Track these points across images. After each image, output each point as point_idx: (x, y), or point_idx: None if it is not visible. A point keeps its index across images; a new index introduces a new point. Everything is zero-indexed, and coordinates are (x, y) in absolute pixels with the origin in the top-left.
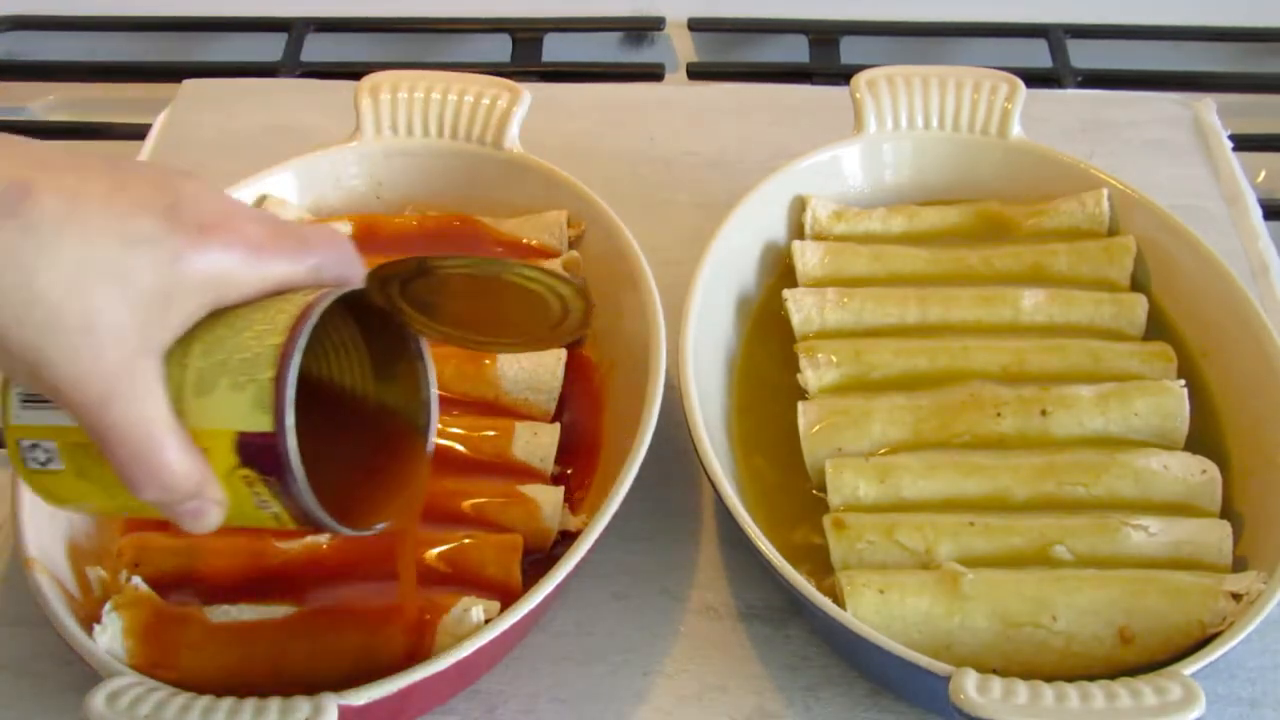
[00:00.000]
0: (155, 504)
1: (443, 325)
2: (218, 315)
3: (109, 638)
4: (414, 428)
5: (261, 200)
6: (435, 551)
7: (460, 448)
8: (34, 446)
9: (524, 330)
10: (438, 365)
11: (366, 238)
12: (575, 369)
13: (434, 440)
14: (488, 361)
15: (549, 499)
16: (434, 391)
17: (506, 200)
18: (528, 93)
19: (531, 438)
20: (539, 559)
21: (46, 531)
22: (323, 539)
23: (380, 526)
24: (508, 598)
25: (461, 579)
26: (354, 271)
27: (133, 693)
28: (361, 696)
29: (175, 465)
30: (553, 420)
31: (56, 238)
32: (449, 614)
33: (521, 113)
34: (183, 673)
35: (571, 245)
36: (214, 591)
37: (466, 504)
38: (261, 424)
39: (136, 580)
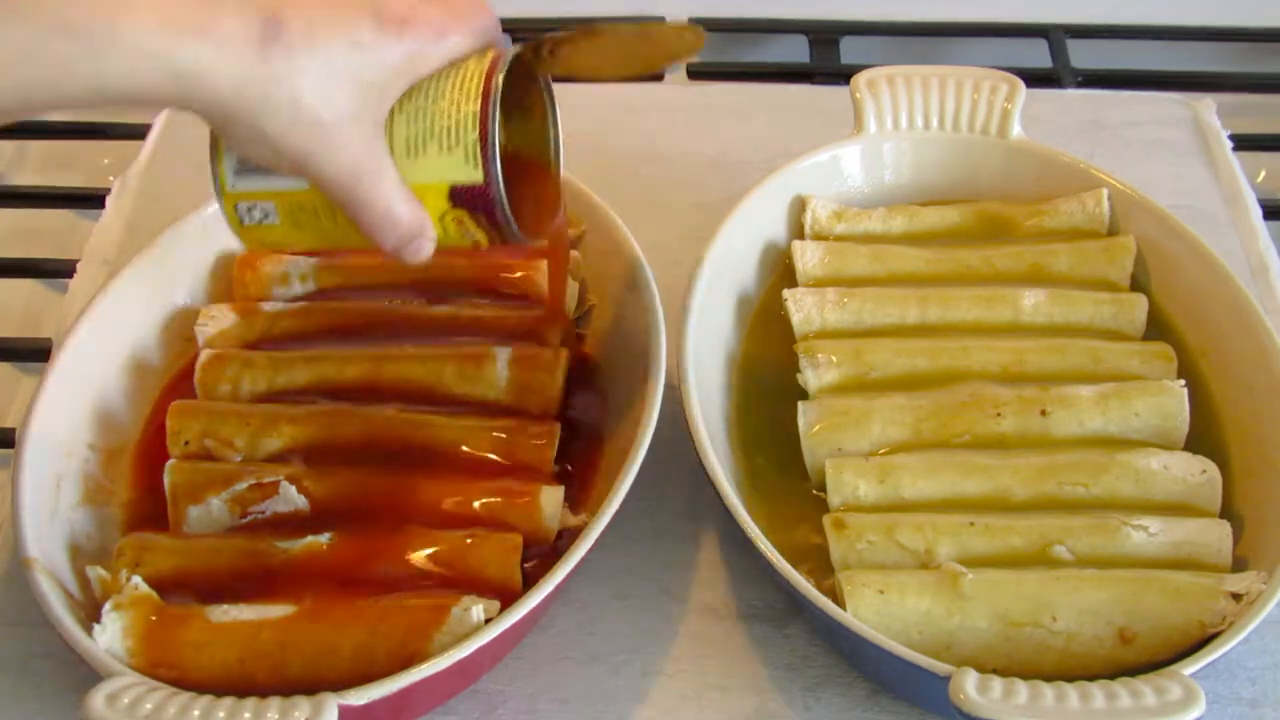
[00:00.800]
0: (389, 249)
1: (582, 74)
2: (412, 88)
3: (109, 638)
4: (548, 159)
5: None
6: (436, 551)
7: (460, 448)
8: (252, 208)
9: (644, 62)
10: (437, 365)
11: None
12: (577, 367)
13: (563, 167)
14: (488, 362)
15: (550, 498)
16: (560, 131)
17: None
18: None
19: (533, 437)
20: (540, 557)
21: (46, 531)
22: (323, 539)
23: (541, 239)
24: (508, 598)
25: (462, 579)
26: (499, 34)
27: (132, 693)
28: (361, 696)
29: (408, 218)
30: (555, 418)
31: (308, 54)
32: (449, 613)
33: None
34: (183, 672)
35: (572, 245)
36: (214, 591)
37: (466, 504)
38: (474, 177)
39: (136, 580)
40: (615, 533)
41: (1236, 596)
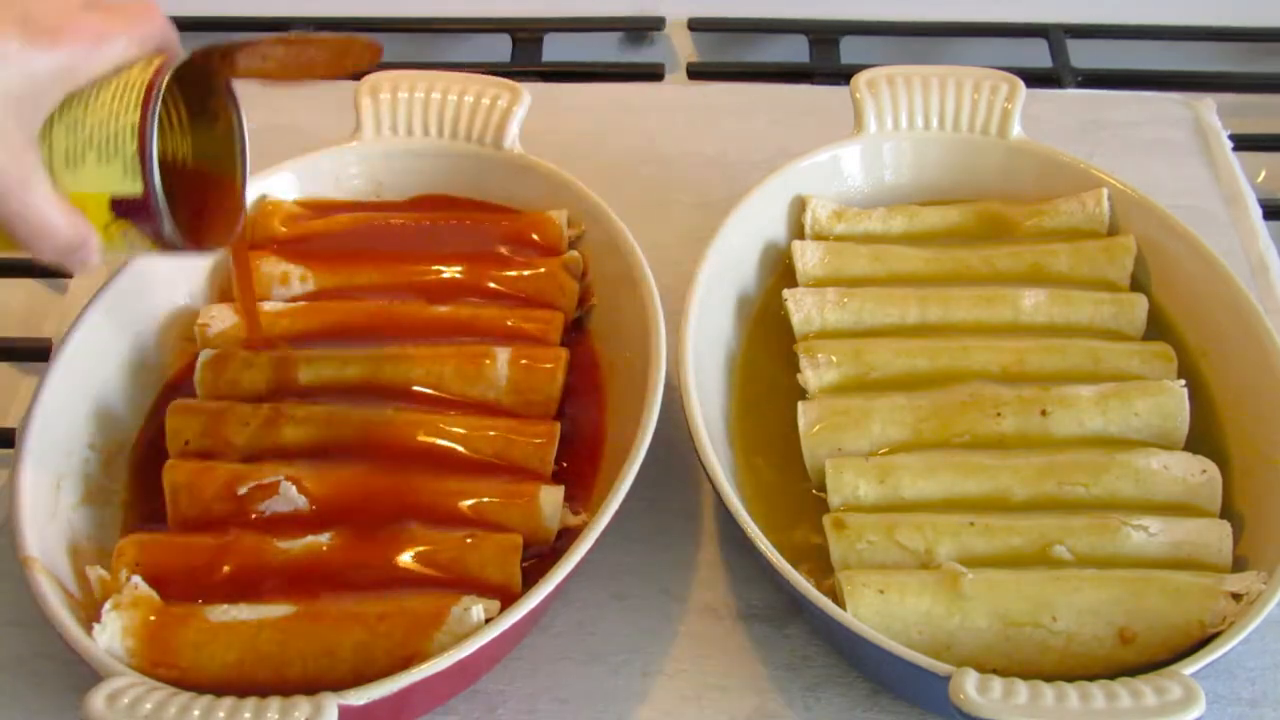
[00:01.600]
0: (49, 260)
1: (256, 78)
2: (71, 97)
3: (108, 637)
4: (229, 169)
5: (260, 200)
6: (435, 551)
7: (460, 448)
8: None
9: (325, 69)
10: (437, 365)
11: (370, 233)
12: (577, 367)
13: (248, 176)
14: (488, 362)
15: (549, 499)
16: (247, 138)
17: (506, 200)
18: (528, 93)
19: (532, 437)
20: (540, 556)
21: (47, 531)
22: (323, 539)
23: (217, 250)
24: (508, 598)
25: (461, 579)
26: (172, 38)
27: (133, 693)
28: (361, 696)
29: (66, 230)
30: (554, 418)
31: None
32: (449, 613)
33: (521, 113)
34: (183, 672)
35: (572, 245)
36: (213, 591)
37: (466, 504)
38: (134, 189)
39: (136, 580)
40: (615, 533)
41: (1236, 596)
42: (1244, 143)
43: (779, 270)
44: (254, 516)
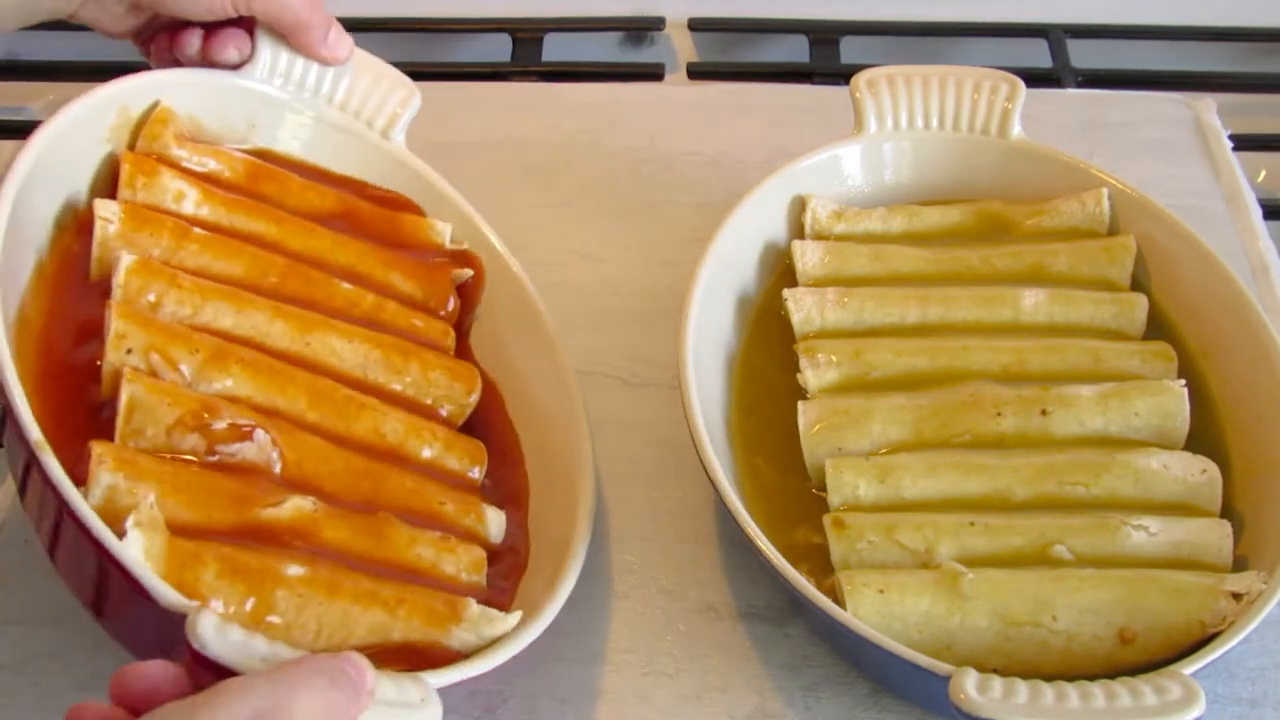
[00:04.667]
0: None
1: None
2: None
3: (138, 551)
4: None
5: (156, 104)
6: (415, 545)
7: (410, 444)
8: None
9: None
10: (366, 346)
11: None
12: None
13: None
14: (415, 362)
15: (494, 518)
16: None
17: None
18: (420, 97)
19: (466, 447)
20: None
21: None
22: (308, 504)
23: None
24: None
25: (440, 580)
26: None
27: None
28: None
29: None
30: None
31: None
32: (469, 608)
33: (408, 116)
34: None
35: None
36: (200, 532)
37: (432, 503)
38: None
39: (151, 499)
40: (615, 533)
41: (1237, 596)
42: (1244, 143)
43: (779, 270)
44: (218, 459)
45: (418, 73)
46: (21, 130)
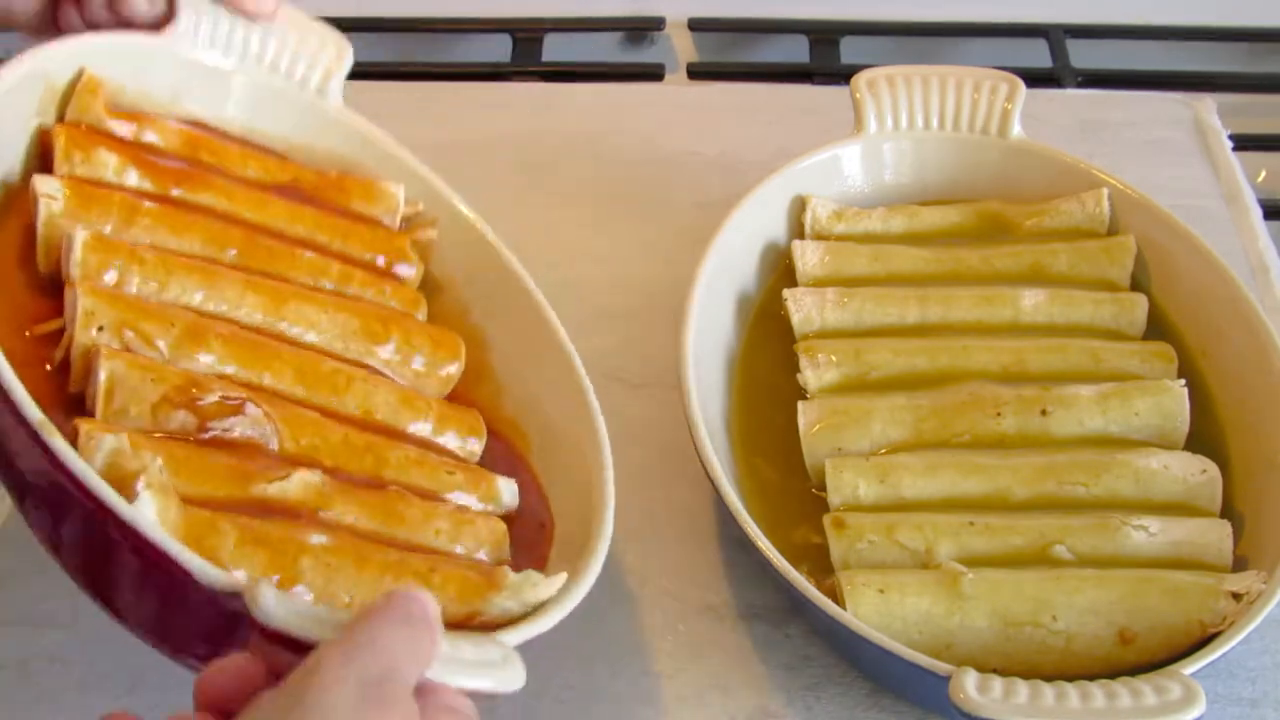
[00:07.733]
0: None
1: None
2: None
3: (151, 513)
4: None
5: (81, 72)
6: (432, 518)
7: (404, 418)
8: None
9: None
10: (343, 317)
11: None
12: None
13: None
14: (397, 331)
15: (507, 487)
16: None
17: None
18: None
19: (462, 416)
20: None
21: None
22: (314, 478)
23: None
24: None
25: (456, 556)
26: None
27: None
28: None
29: None
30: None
31: None
32: (507, 577)
33: (343, 71)
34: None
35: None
36: (221, 502)
37: (440, 477)
38: None
39: (159, 463)
40: (615, 533)
41: (1237, 596)
42: (1244, 143)
43: (779, 270)
44: (211, 435)
45: (418, 73)
46: None
